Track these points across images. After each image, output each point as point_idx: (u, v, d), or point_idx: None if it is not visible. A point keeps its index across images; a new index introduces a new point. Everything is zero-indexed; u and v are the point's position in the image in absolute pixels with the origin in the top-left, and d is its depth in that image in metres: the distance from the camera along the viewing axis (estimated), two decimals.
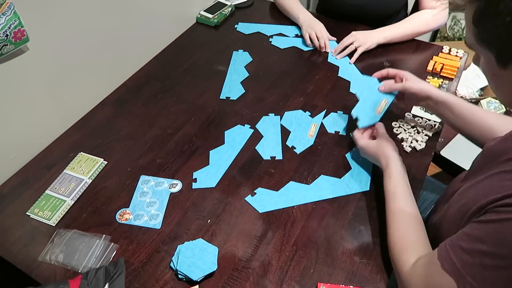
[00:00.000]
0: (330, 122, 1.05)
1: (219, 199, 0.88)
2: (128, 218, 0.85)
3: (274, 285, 0.75)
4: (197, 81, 1.19)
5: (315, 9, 1.59)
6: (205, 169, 0.94)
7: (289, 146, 1.00)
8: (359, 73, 1.20)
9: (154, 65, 1.25)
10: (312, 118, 1.07)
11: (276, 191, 0.90)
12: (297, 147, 0.99)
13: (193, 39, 1.36)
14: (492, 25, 0.50)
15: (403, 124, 1.03)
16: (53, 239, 0.81)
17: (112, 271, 0.73)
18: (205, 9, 1.43)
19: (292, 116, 1.07)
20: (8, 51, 0.83)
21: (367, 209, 0.86)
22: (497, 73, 0.56)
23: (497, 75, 0.56)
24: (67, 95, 1.04)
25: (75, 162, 0.95)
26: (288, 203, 0.87)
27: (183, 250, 0.77)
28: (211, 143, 1.00)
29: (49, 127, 1.02)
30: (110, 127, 1.05)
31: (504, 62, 0.53)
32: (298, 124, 1.05)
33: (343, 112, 1.08)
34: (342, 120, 1.06)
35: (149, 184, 0.91)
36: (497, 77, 0.57)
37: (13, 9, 0.80)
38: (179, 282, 0.75)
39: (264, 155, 0.97)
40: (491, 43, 0.53)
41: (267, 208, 0.86)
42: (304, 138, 1.01)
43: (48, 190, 0.89)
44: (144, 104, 1.12)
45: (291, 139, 1.01)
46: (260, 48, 1.30)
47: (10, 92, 0.90)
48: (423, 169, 0.93)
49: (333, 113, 1.08)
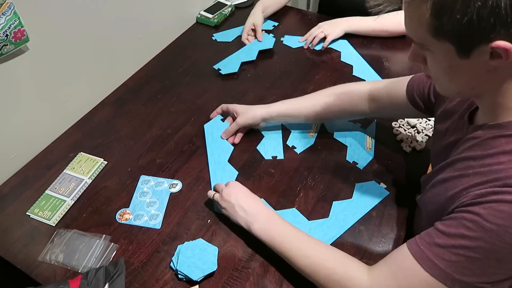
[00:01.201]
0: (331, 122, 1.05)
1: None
2: (128, 218, 0.85)
3: (274, 285, 0.75)
4: (197, 81, 1.19)
5: (315, 9, 1.59)
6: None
7: (290, 145, 1.00)
8: (361, 58, 1.24)
9: (154, 65, 1.25)
10: None
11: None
12: (297, 147, 0.99)
13: (193, 39, 1.36)
14: (460, 13, 0.48)
15: (403, 124, 1.03)
16: (53, 239, 0.81)
17: (112, 271, 0.73)
18: (205, 9, 1.43)
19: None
20: (8, 51, 0.83)
21: None
22: (455, 65, 0.54)
23: (454, 67, 0.55)
24: (67, 95, 1.04)
25: (75, 162, 0.95)
26: None
27: (183, 250, 0.77)
28: None
29: (49, 127, 1.02)
30: (110, 127, 1.05)
31: (467, 52, 0.51)
32: (298, 124, 1.05)
33: None
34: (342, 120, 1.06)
35: (149, 184, 0.91)
36: (454, 68, 0.55)
37: (13, 9, 0.80)
38: (179, 282, 0.75)
39: (265, 155, 0.97)
40: (454, 34, 0.51)
41: None
42: (305, 138, 1.01)
43: (48, 190, 0.89)
44: (144, 104, 1.12)
45: (291, 139, 1.01)
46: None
47: (10, 92, 0.90)
48: (423, 169, 0.93)
49: None
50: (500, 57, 0.49)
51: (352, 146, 0.99)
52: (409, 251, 0.58)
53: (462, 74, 0.55)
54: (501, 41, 0.48)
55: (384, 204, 0.86)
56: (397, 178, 0.91)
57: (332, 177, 0.93)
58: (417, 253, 0.57)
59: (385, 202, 0.87)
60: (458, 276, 0.53)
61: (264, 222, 0.75)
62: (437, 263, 0.54)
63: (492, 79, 0.54)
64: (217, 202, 0.81)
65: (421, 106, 0.82)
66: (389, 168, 0.93)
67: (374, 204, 0.86)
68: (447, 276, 0.54)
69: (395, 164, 0.94)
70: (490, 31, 0.48)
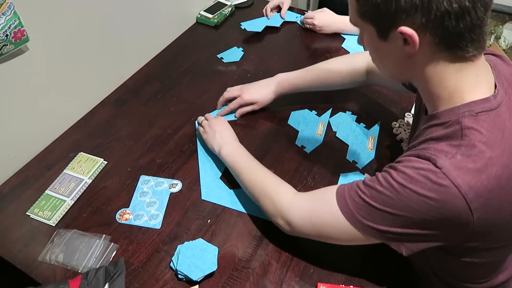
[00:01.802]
0: (336, 122, 1.06)
1: (220, 205, 0.88)
2: (128, 218, 0.85)
3: (274, 285, 0.75)
4: (197, 81, 1.19)
5: (315, 9, 1.59)
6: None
7: (299, 145, 1.00)
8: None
9: (154, 65, 1.25)
10: (319, 117, 1.07)
11: (230, 188, 0.91)
12: (306, 147, 0.99)
13: (193, 39, 1.36)
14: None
15: (403, 124, 1.03)
16: (53, 239, 0.81)
17: (112, 271, 0.73)
18: (205, 9, 1.43)
19: (299, 115, 1.07)
20: (8, 51, 0.83)
21: None
22: (379, 46, 0.59)
23: (379, 49, 0.60)
24: (67, 95, 1.04)
25: (75, 162, 0.95)
26: (231, 205, 0.87)
27: (183, 250, 0.77)
28: None
29: (49, 127, 1.02)
30: (110, 127, 1.05)
31: (384, 34, 0.56)
32: (306, 124, 1.05)
33: (349, 112, 1.08)
34: (346, 120, 1.06)
35: (149, 184, 0.91)
36: (379, 50, 0.61)
37: (13, 9, 0.80)
38: (179, 282, 0.75)
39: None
40: (372, 16, 0.56)
41: (211, 199, 0.88)
42: (313, 137, 1.01)
43: (48, 190, 0.89)
44: (144, 104, 1.12)
45: (300, 139, 1.01)
46: (260, 48, 1.30)
47: (10, 92, 0.90)
48: None
49: (341, 113, 1.08)
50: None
51: (353, 145, 0.99)
52: (335, 189, 0.67)
53: (387, 56, 0.61)
54: (405, 27, 0.52)
55: None
56: None
57: (332, 177, 0.93)
58: (339, 191, 0.66)
59: None
60: (360, 217, 0.62)
61: (232, 149, 0.89)
62: (348, 202, 0.63)
63: (414, 66, 0.58)
64: (203, 126, 0.97)
65: (407, 85, 0.86)
66: None
67: None
68: (351, 215, 0.63)
69: None
70: (396, 16, 0.52)
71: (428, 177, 0.54)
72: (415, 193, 0.55)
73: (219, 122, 0.96)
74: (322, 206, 0.68)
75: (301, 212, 0.71)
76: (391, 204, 0.58)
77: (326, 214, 0.66)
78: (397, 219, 0.58)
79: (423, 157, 0.56)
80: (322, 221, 0.68)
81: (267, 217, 0.79)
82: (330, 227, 0.67)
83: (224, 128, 0.94)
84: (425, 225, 0.57)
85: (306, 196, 0.73)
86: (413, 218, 0.57)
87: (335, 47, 1.30)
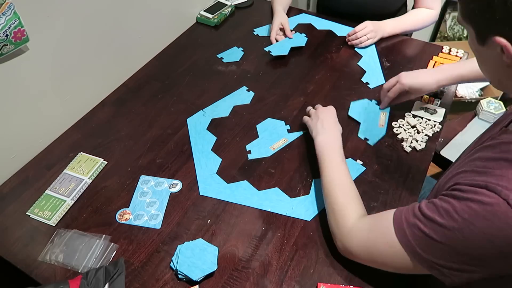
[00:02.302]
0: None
1: (219, 199, 0.88)
2: (128, 218, 0.85)
3: (274, 285, 0.75)
4: (197, 81, 1.19)
5: (315, 9, 1.59)
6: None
7: (362, 138, 1.00)
8: (378, 65, 1.22)
9: (154, 65, 1.25)
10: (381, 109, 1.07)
11: (227, 183, 0.91)
12: (370, 139, 0.99)
13: (193, 39, 1.36)
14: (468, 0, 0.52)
15: (403, 124, 1.03)
16: (53, 239, 0.81)
17: (112, 271, 0.73)
18: (205, 9, 1.43)
19: (359, 106, 1.08)
20: (8, 51, 0.83)
21: (368, 209, 0.86)
22: (478, 50, 0.58)
23: (478, 52, 0.59)
24: (67, 95, 1.04)
25: (75, 162, 0.95)
26: (230, 199, 0.88)
27: (183, 250, 0.77)
28: None
29: (49, 127, 1.02)
30: (110, 127, 1.05)
31: (482, 39, 0.55)
32: (367, 114, 1.05)
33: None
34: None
35: (149, 184, 0.91)
36: (479, 53, 0.59)
37: (13, 9, 0.80)
38: (179, 282, 0.75)
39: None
40: (471, 19, 0.55)
41: (209, 194, 0.89)
42: (375, 128, 1.01)
43: (48, 190, 0.89)
44: (144, 104, 1.12)
45: (362, 131, 1.01)
46: (260, 48, 1.30)
47: (10, 92, 0.90)
48: (423, 169, 0.93)
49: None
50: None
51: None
52: (393, 215, 0.65)
53: (486, 61, 0.59)
54: (500, 37, 0.50)
55: (384, 204, 0.86)
56: (397, 178, 0.91)
57: None
58: (396, 219, 0.63)
59: (385, 201, 0.87)
60: (419, 250, 0.59)
61: (326, 139, 0.88)
62: (407, 232, 0.60)
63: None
64: (311, 113, 0.99)
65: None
66: (389, 168, 0.93)
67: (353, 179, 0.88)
68: (410, 245, 0.60)
69: (395, 164, 0.94)
70: (491, 25, 0.51)
71: (496, 214, 0.50)
72: (481, 231, 0.51)
73: (325, 110, 0.96)
74: (380, 236, 0.66)
75: (359, 241, 0.70)
76: (452, 238, 0.55)
77: (384, 246, 0.65)
78: (457, 254, 0.55)
79: (491, 189, 0.52)
80: (380, 252, 0.66)
81: (265, 209, 0.80)
82: (387, 257, 0.65)
83: (328, 116, 0.94)
84: (483, 262, 0.54)
85: (365, 225, 0.70)
86: (473, 255, 0.54)
87: (335, 45, 1.30)
